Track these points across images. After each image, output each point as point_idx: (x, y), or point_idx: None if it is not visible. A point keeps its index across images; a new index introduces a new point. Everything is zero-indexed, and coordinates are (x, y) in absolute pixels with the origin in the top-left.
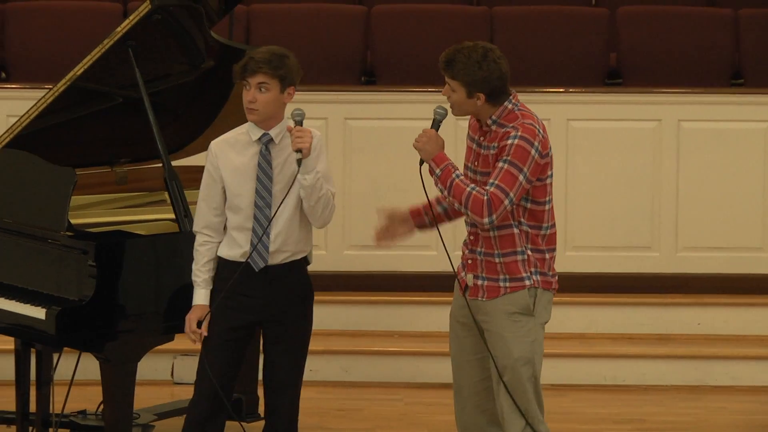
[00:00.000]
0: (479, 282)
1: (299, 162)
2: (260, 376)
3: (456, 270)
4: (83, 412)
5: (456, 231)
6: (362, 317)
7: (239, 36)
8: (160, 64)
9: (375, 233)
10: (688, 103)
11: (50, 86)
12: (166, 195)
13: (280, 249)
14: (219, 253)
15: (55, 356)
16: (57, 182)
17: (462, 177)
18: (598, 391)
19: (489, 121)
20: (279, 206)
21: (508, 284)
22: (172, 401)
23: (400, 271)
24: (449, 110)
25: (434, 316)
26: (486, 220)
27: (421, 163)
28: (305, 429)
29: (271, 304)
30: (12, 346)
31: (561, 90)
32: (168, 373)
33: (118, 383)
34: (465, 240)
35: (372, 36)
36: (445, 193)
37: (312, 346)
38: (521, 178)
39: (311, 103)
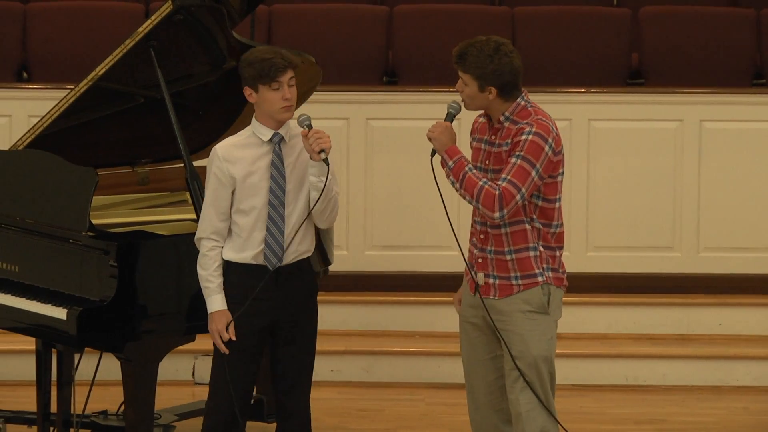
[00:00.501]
0: (490, 281)
1: (327, 161)
2: None
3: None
4: (104, 413)
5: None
6: (384, 317)
7: (261, 36)
8: (182, 65)
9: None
10: (710, 103)
11: (72, 86)
12: (188, 195)
13: (292, 248)
14: (225, 257)
15: (76, 356)
16: (78, 182)
17: (474, 171)
18: (620, 391)
19: (501, 118)
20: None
21: (521, 282)
22: (193, 401)
23: (422, 271)
24: (463, 105)
25: (456, 317)
26: (497, 214)
27: (433, 153)
28: (326, 429)
29: (284, 305)
30: (33, 347)
31: (583, 90)
32: (189, 373)
33: (140, 383)
34: (473, 239)
35: (393, 36)
36: (457, 185)
37: (333, 346)
38: (533, 173)
39: (333, 103)
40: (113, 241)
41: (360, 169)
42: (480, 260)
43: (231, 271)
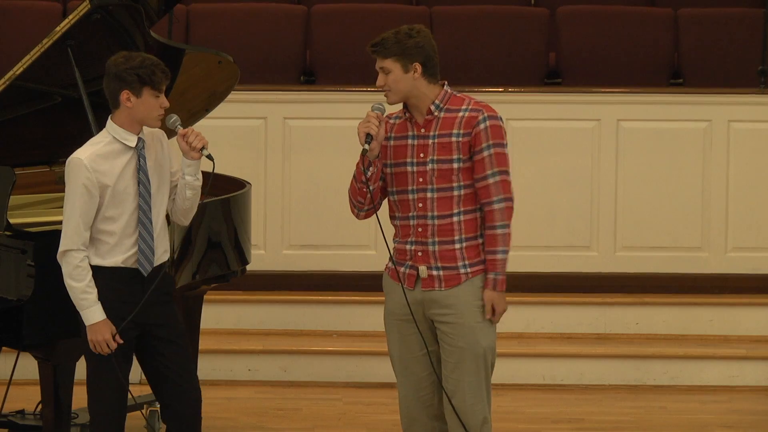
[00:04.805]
0: (434, 272)
1: (210, 157)
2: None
3: (390, 268)
4: (21, 412)
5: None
6: (301, 317)
7: (179, 35)
8: (100, 64)
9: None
10: (627, 102)
11: None
12: None
13: (158, 251)
14: (92, 263)
15: None
16: None
17: (496, 233)
18: (537, 390)
19: (432, 107)
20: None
21: (469, 270)
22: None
23: (339, 270)
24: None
25: (373, 316)
26: (513, 206)
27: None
28: (244, 428)
29: (150, 308)
30: None
31: (500, 89)
32: None
33: (57, 383)
34: (404, 238)
35: (311, 35)
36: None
37: (250, 346)
38: (506, 150)
39: (250, 103)
40: (30, 241)
41: (277, 169)
42: (420, 253)
43: (99, 275)
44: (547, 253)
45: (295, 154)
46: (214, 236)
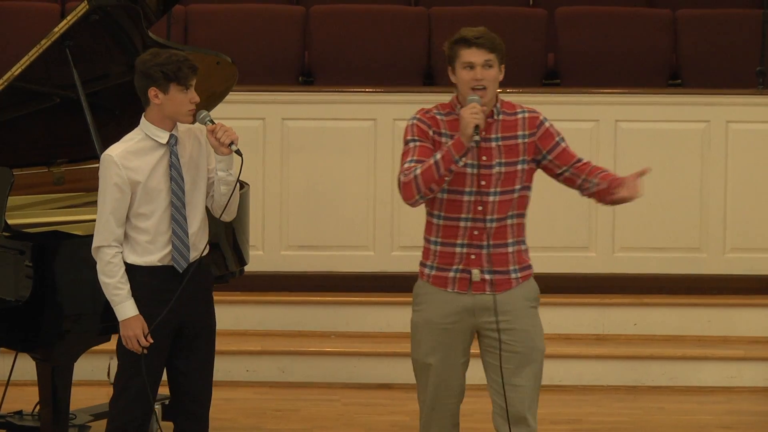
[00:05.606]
0: (486, 276)
1: (239, 152)
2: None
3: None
4: (19, 413)
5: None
6: (299, 318)
7: (177, 37)
8: (98, 65)
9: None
10: (625, 103)
11: None
12: None
13: (196, 247)
14: (128, 261)
15: None
16: None
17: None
18: None
19: (494, 111)
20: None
21: (519, 274)
22: (109, 401)
23: (338, 271)
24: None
25: (372, 317)
26: None
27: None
28: (242, 429)
29: (188, 305)
30: None
31: (499, 90)
32: (104, 373)
33: (55, 384)
34: (442, 237)
35: (310, 36)
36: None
37: (249, 347)
38: None
39: (249, 104)
40: (29, 241)
41: (276, 170)
42: (473, 257)
43: (135, 274)
44: (546, 253)
45: (293, 154)
46: (213, 237)
